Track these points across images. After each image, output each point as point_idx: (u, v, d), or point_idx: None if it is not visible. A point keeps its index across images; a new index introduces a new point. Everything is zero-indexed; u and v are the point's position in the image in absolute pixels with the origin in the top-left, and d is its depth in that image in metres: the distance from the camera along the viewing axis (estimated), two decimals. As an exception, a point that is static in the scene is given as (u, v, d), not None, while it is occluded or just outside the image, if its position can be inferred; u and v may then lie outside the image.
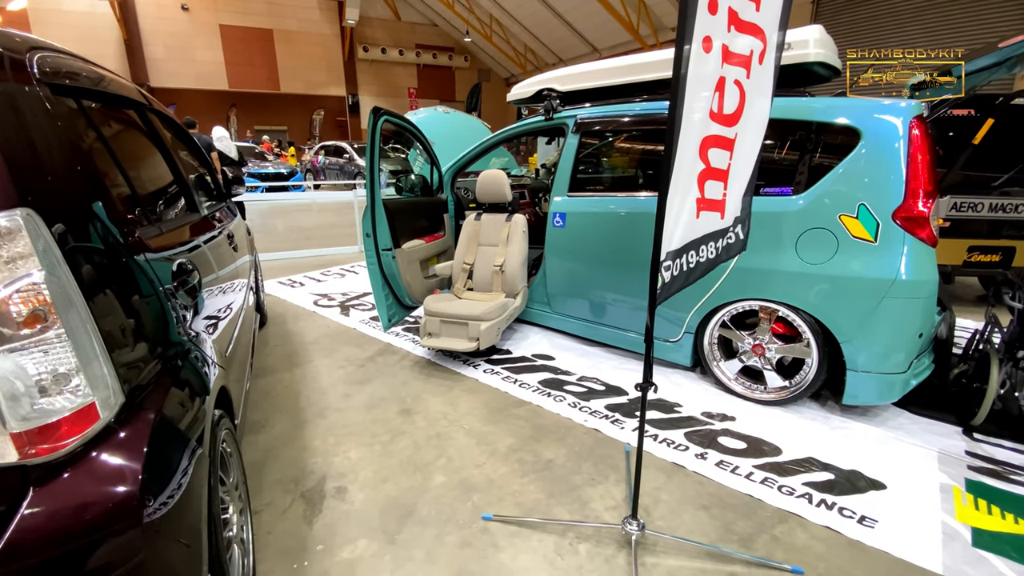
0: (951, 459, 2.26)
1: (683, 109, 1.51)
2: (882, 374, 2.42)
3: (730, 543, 1.79)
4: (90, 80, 1.43)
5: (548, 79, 3.93)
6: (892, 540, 1.79)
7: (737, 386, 2.81)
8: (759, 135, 2.08)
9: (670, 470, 2.19)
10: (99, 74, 1.53)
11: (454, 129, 5.28)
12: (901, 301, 2.31)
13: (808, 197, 2.49)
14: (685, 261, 1.80)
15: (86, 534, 0.89)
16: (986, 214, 4.20)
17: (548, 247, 3.42)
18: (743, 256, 2.63)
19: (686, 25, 1.42)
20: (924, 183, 2.29)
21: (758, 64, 1.93)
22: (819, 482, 2.11)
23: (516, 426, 2.54)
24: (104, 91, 1.51)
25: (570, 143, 3.34)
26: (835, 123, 2.49)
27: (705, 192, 1.82)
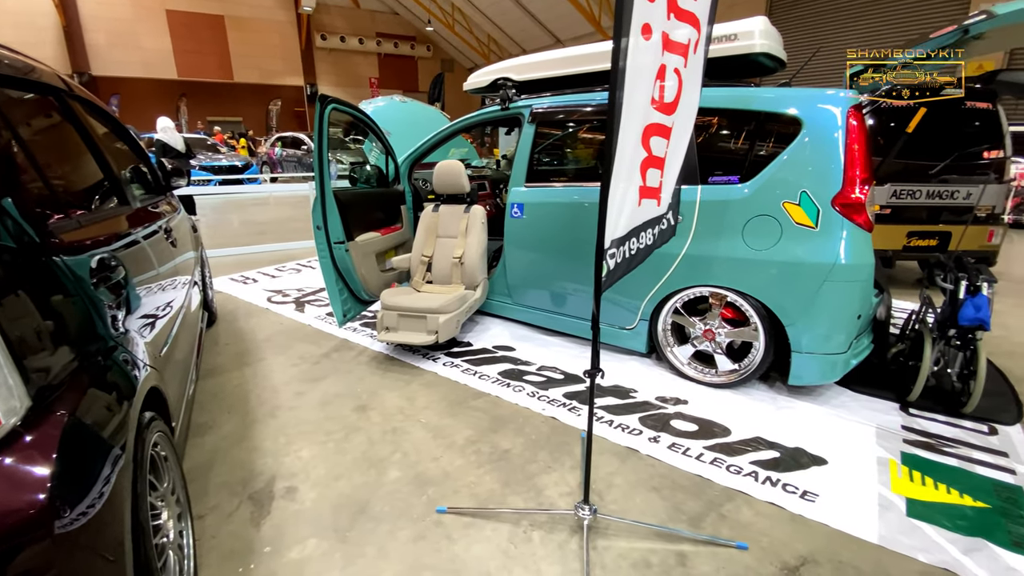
0: (888, 434, 2.38)
1: (625, 97, 1.52)
2: (824, 355, 2.52)
3: (680, 523, 1.83)
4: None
5: (504, 68, 3.89)
6: (832, 513, 1.87)
7: (690, 370, 2.88)
8: (691, 123, 2.13)
9: (624, 454, 2.23)
10: (4, 56, 1.42)
11: (412, 119, 5.18)
12: (840, 284, 2.40)
13: (753, 185, 2.56)
14: (627, 248, 1.82)
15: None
16: (924, 201, 4.43)
17: (507, 238, 3.41)
18: (694, 244, 2.71)
19: (623, 11, 1.41)
20: (861, 171, 2.38)
21: (693, 53, 1.96)
22: (765, 460, 2.18)
23: (474, 418, 2.53)
24: (12, 76, 1.40)
25: (526, 133, 3.33)
26: (778, 113, 2.56)
27: (647, 180, 1.84)
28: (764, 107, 2.63)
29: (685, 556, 1.68)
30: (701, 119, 2.89)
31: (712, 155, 2.84)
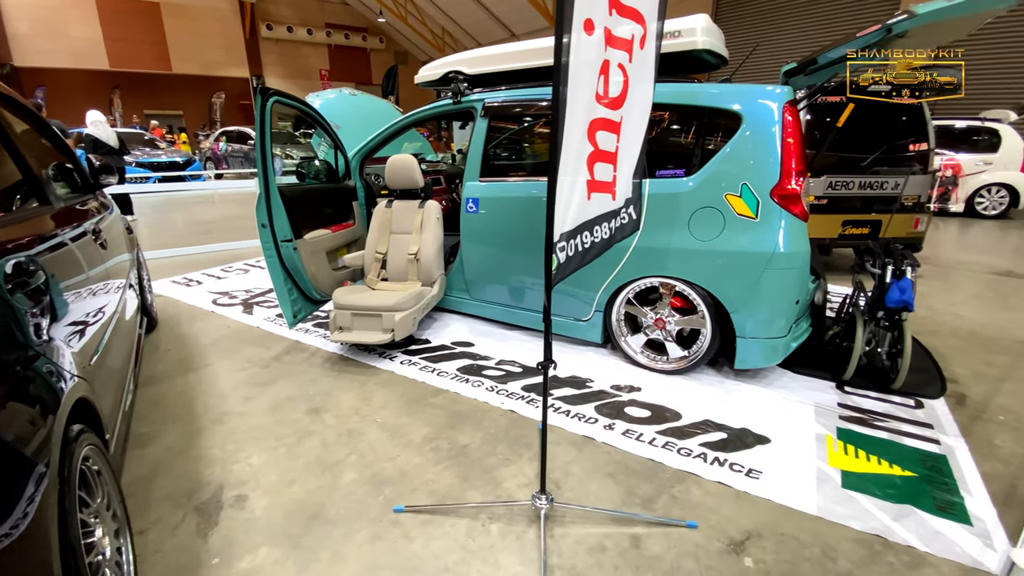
0: (826, 411, 2.53)
1: (569, 92, 1.54)
2: (767, 339, 2.65)
3: (633, 506, 1.89)
4: None
5: (455, 61, 3.86)
6: (774, 488, 1.98)
7: (643, 358, 2.96)
8: (643, 119, 2.17)
9: (581, 443, 2.28)
10: None
11: (363, 112, 5.06)
12: (780, 272, 2.53)
13: (698, 179, 2.65)
14: (580, 241, 1.85)
15: None
16: (857, 191, 4.71)
17: (463, 233, 3.39)
18: (644, 236, 2.77)
19: (565, 6, 1.43)
20: (796, 163, 2.50)
21: (639, 49, 2.00)
22: (713, 441, 2.28)
23: (433, 415, 2.52)
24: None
25: (479, 127, 3.31)
26: (720, 108, 2.66)
27: (595, 174, 1.87)
28: (707, 103, 2.72)
29: (639, 538, 1.74)
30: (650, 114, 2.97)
31: (659, 149, 2.92)
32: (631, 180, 2.23)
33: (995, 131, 8.10)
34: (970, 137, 8.26)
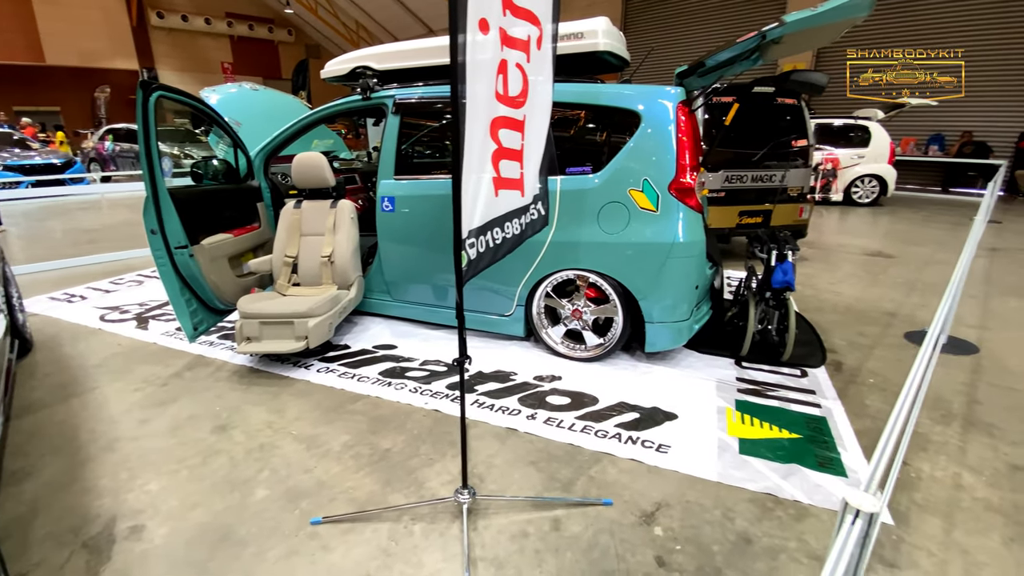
0: (726, 386, 2.76)
1: (468, 90, 1.55)
2: (672, 323, 2.84)
3: (553, 490, 1.95)
4: None
5: (363, 56, 3.75)
6: (681, 460, 2.13)
7: (563, 348, 3.06)
8: (545, 117, 2.24)
9: (504, 435, 2.32)
10: None
11: (267, 109, 4.75)
12: (680, 260, 2.72)
13: (603, 175, 2.78)
14: (491, 238, 1.88)
15: None
16: (750, 184, 5.14)
17: (380, 233, 3.32)
18: (558, 231, 2.87)
19: (458, 6, 1.44)
20: (690, 159, 2.70)
21: (536, 50, 2.06)
22: (627, 422, 2.41)
23: (352, 422, 2.45)
24: None
25: (391, 124, 3.25)
26: (621, 108, 2.80)
27: (501, 171, 1.90)
28: (610, 102, 2.85)
29: (559, 520, 1.80)
30: (557, 113, 3.07)
31: (568, 147, 3.03)
32: (538, 176, 2.30)
33: (866, 128, 9.16)
34: (846, 133, 9.28)
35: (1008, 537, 1.73)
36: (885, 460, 0.80)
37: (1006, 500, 1.91)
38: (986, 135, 11.15)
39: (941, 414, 2.47)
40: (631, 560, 1.64)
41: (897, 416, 0.93)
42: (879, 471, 0.78)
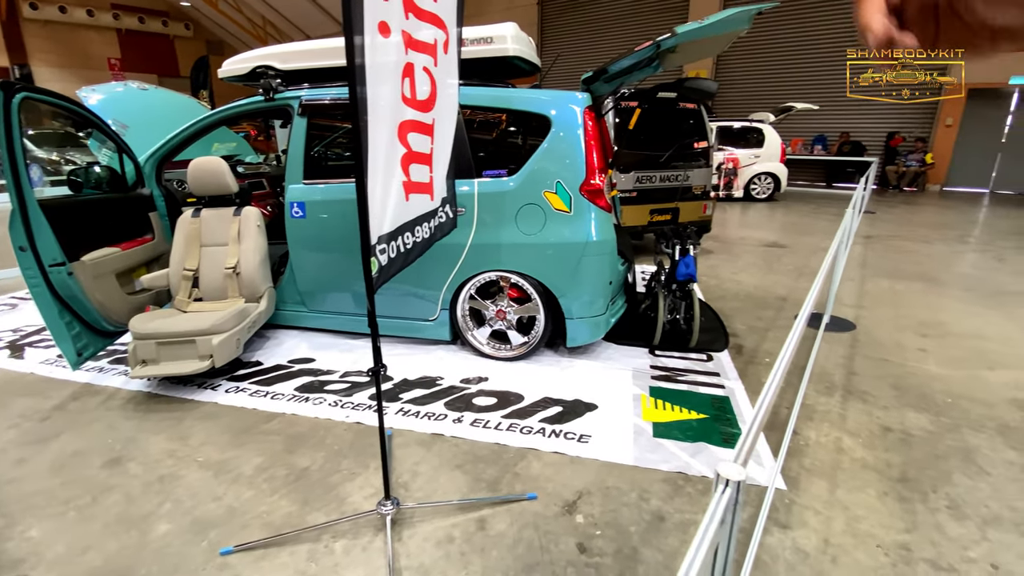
0: (641, 374, 2.92)
1: (369, 93, 1.53)
2: (590, 317, 2.95)
3: (480, 491, 1.97)
4: None
5: (265, 55, 3.55)
6: (601, 448, 2.22)
7: (489, 349, 3.09)
8: (453, 120, 2.25)
9: (430, 441, 2.29)
10: None
11: (158, 110, 4.37)
12: (593, 258, 2.83)
13: (519, 178, 2.83)
14: (401, 243, 1.86)
15: None
16: (659, 184, 5.46)
17: (291, 241, 3.16)
18: (479, 233, 2.88)
19: (352, 9, 1.41)
20: (598, 161, 2.82)
21: (443, 53, 2.07)
22: (551, 416, 2.48)
23: (267, 443, 2.31)
24: None
25: (298, 126, 3.11)
26: (533, 112, 2.87)
27: (411, 175, 1.89)
28: (522, 107, 2.92)
29: (485, 520, 1.82)
30: (473, 116, 3.09)
31: (484, 151, 3.06)
32: (446, 180, 2.31)
33: (760, 130, 10.04)
34: (744, 135, 10.11)
35: (882, 491, 1.98)
36: (753, 434, 0.89)
37: (879, 459, 2.18)
38: (861, 135, 12.66)
39: (825, 386, 2.77)
40: (554, 550, 1.69)
41: (768, 389, 1.04)
42: (748, 444, 0.87)
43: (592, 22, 16.12)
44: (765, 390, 1.02)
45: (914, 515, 1.84)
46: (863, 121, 12.66)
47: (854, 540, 1.73)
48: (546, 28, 17.17)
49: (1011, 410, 2.54)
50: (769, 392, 1.01)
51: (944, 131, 11.87)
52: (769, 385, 1.05)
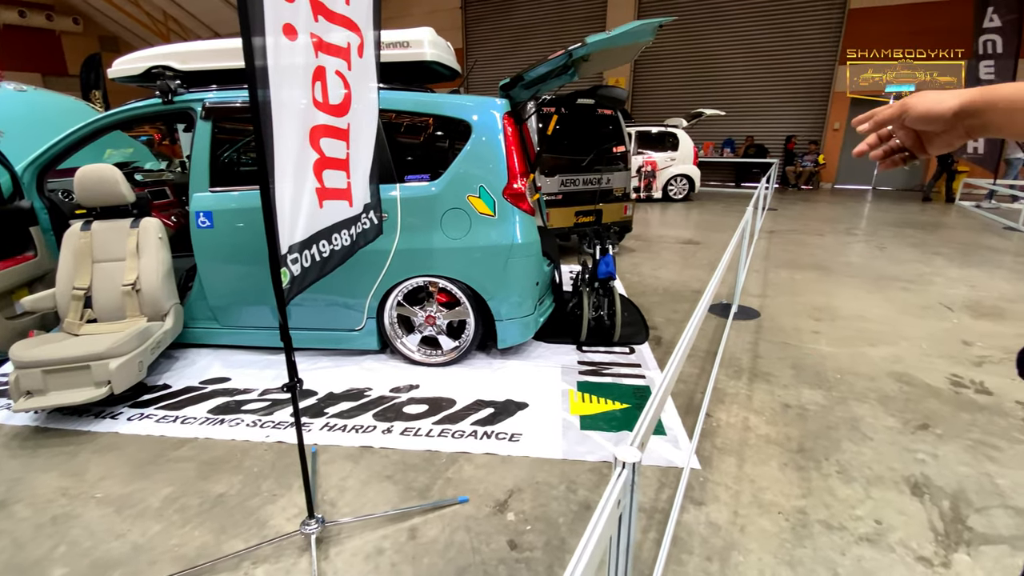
0: (569, 370, 3.01)
1: (272, 96, 1.47)
2: (519, 318, 3.01)
3: (410, 500, 1.95)
4: None
5: (162, 55, 3.30)
6: (531, 445, 2.27)
7: (419, 356, 3.06)
8: (372, 124, 2.22)
9: (358, 455, 2.24)
10: None
11: (42, 113, 3.92)
12: (519, 260, 2.89)
13: (442, 183, 2.83)
14: (317, 251, 1.81)
15: None
16: (582, 187, 5.66)
17: (198, 253, 2.96)
18: (404, 238, 2.85)
19: (250, 9, 1.36)
20: (519, 165, 2.88)
21: (358, 57, 2.04)
22: (483, 418, 2.50)
23: (177, 471, 2.15)
24: None
25: (202, 131, 2.92)
26: (452, 117, 2.88)
27: (325, 181, 1.84)
28: (443, 112, 2.92)
29: (416, 528, 1.80)
30: (395, 121, 3.05)
31: (406, 155, 3.03)
32: (368, 185, 2.27)
33: (675, 134, 10.66)
34: (661, 139, 10.70)
35: (782, 463, 2.17)
36: (649, 419, 0.95)
37: (780, 433, 2.39)
38: (764, 138, 13.82)
39: (734, 370, 3.00)
40: (486, 550, 1.70)
41: (669, 370, 1.13)
42: (643, 429, 0.93)
43: (515, 28, 16.41)
44: (664, 377, 1.10)
45: (809, 482, 2.04)
46: (765, 125, 13.85)
47: (759, 510, 1.89)
48: (471, 33, 17.25)
49: (889, 381, 2.88)
50: (666, 379, 1.09)
51: (832, 135, 13.24)
52: (667, 372, 1.13)
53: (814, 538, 1.76)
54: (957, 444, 2.29)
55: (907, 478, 2.07)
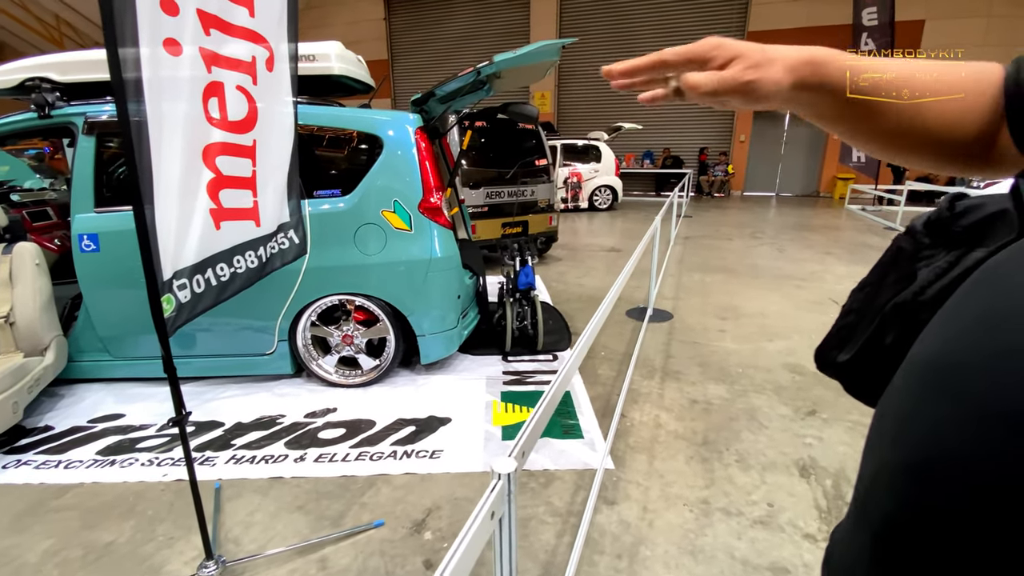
0: (494, 381, 3.03)
1: (149, 112, 1.39)
2: (442, 332, 3.00)
3: (322, 530, 1.87)
4: None
5: (40, 66, 3.01)
6: (452, 461, 2.26)
7: (338, 378, 2.96)
8: (287, 140, 2.15)
9: (267, 487, 2.12)
10: None
11: None
12: (439, 273, 2.89)
13: (353, 198, 2.78)
14: (213, 275, 1.72)
15: None
16: (507, 199, 5.76)
17: (83, 279, 2.70)
18: (314, 256, 2.75)
19: (115, 19, 1.28)
20: (434, 180, 2.89)
21: (267, 71, 1.97)
22: (403, 437, 2.46)
23: (58, 522, 1.94)
24: None
25: (84, 148, 2.69)
26: (363, 132, 2.86)
27: (223, 202, 1.76)
28: (355, 127, 2.89)
29: (326, 558, 1.73)
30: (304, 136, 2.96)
31: (316, 171, 2.95)
32: (285, 204, 2.18)
33: (598, 147, 11.11)
34: (586, 151, 11.11)
35: (688, 456, 2.31)
36: (530, 430, 0.99)
37: (687, 428, 2.54)
38: (679, 150, 14.74)
39: (648, 370, 3.16)
40: (400, 572, 1.67)
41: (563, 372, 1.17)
42: (524, 439, 0.96)
43: (441, 40, 16.48)
44: (548, 391, 1.15)
45: (712, 472, 2.19)
46: (680, 139, 14.79)
47: (666, 503, 1.99)
48: (395, 44, 17.13)
49: (784, 373, 3.15)
50: (550, 393, 1.14)
51: (739, 146, 14.38)
52: (568, 363, 1.17)
53: (714, 526, 1.88)
54: (839, 426, 2.54)
55: (796, 461, 2.26)
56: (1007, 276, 0.35)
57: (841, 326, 0.59)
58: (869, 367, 0.54)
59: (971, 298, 0.38)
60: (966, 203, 0.50)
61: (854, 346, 0.56)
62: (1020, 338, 0.31)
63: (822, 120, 0.56)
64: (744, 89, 0.51)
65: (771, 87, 0.51)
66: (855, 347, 0.56)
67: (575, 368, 1.32)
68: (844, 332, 0.59)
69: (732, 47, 0.52)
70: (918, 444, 0.36)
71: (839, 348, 0.59)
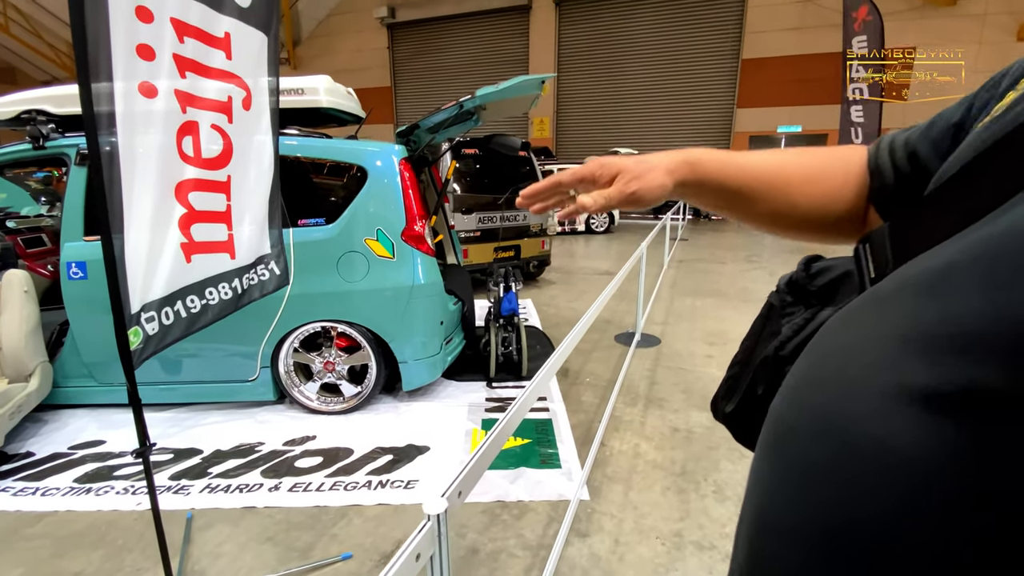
0: (475, 407, 3.03)
1: (121, 148, 1.45)
2: (425, 359, 3.01)
3: (290, 562, 1.86)
4: None
5: (36, 98, 3.13)
6: (427, 492, 2.25)
7: (319, 404, 2.97)
8: (266, 173, 2.20)
9: (239, 516, 2.11)
10: None
11: None
12: (422, 300, 2.92)
13: (337, 227, 2.84)
14: (183, 307, 1.75)
15: None
16: (500, 224, 5.83)
17: (70, 306, 2.74)
18: (297, 283, 2.79)
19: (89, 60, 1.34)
20: (417, 209, 2.95)
21: (243, 109, 2.03)
22: (380, 466, 2.45)
23: (29, 550, 1.94)
24: None
25: (75, 178, 2.76)
26: (348, 163, 2.92)
27: (195, 236, 1.80)
28: (340, 157, 2.95)
29: (292, 593, 1.72)
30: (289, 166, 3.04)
31: (301, 199, 3.01)
32: (266, 235, 2.21)
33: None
34: (581, 175, 11.23)
35: (665, 487, 2.29)
36: (470, 468, 1.00)
37: (666, 457, 2.52)
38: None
39: (632, 397, 3.15)
40: (363, 608, 1.66)
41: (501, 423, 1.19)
42: (461, 478, 0.97)
43: (443, 68, 16.90)
44: (494, 430, 1.16)
45: (688, 504, 2.17)
46: (677, 162, 14.96)
47: (639, 536, 1.97)
48: (398, 71, 17.57)
49: (768, 399, 3.13)
50: (495, 432, 1.15)
51: (735, 170, 14.52)
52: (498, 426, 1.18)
53: (686, 560, 1.86)
54: (820, 456, 2.52)
55: (774, 492, 2.24)
56: (820, 342, 0.38)
57: (728, 377, 0.61)
58: (748, 417, 0.56)
59: (803, 359, 0.40)
60: (820, 265, 0.53)
61: (737, 397, 0.58)
62: (825, 399, 0.33)
63: (709, 208, 0.63)
64: (631, 199, 0.58)
65: (656, 191, 0.58)
66: (737, 398, 0.58)
67: (533, 399, 1.33)
68: (731, 383, 0.61)
69: (614, 164, 0.59)
70: (758, 494, 0.38)
71: (727, 398, 0.61)
